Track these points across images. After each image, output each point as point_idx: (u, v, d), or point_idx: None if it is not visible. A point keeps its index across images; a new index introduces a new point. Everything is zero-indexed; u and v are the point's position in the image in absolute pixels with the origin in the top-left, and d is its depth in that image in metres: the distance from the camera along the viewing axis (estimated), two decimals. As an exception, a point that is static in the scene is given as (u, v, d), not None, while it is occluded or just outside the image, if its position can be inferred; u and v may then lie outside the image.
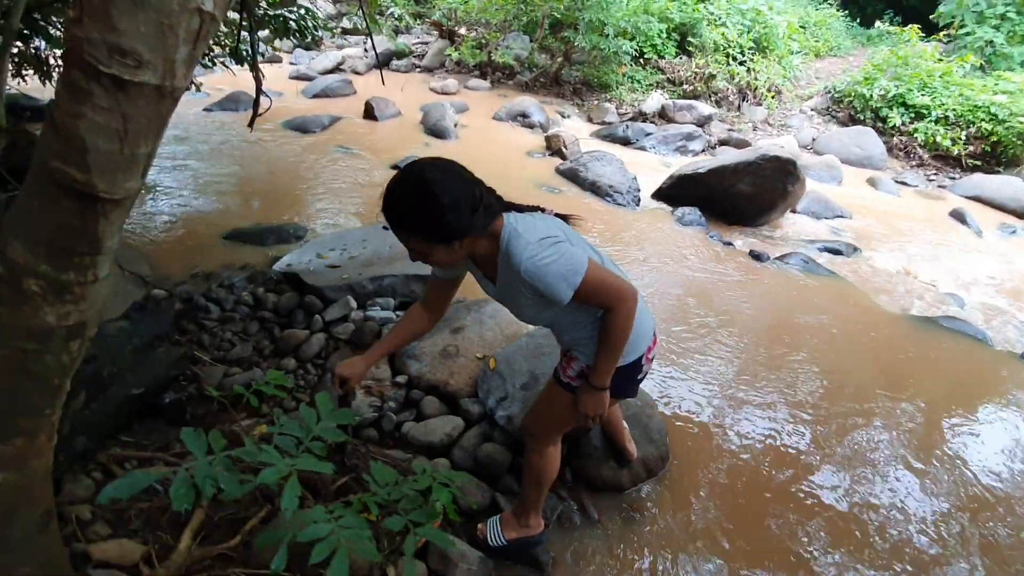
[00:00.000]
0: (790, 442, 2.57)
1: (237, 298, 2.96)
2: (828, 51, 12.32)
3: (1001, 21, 10.09)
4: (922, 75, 8.42)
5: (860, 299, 4.05)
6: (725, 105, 9.07)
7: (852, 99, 8.88)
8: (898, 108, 8.42)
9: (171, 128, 4.72)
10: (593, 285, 1.29)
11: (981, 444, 2.68)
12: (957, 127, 7.99)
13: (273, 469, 1.05)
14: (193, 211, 4.05)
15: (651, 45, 9.37)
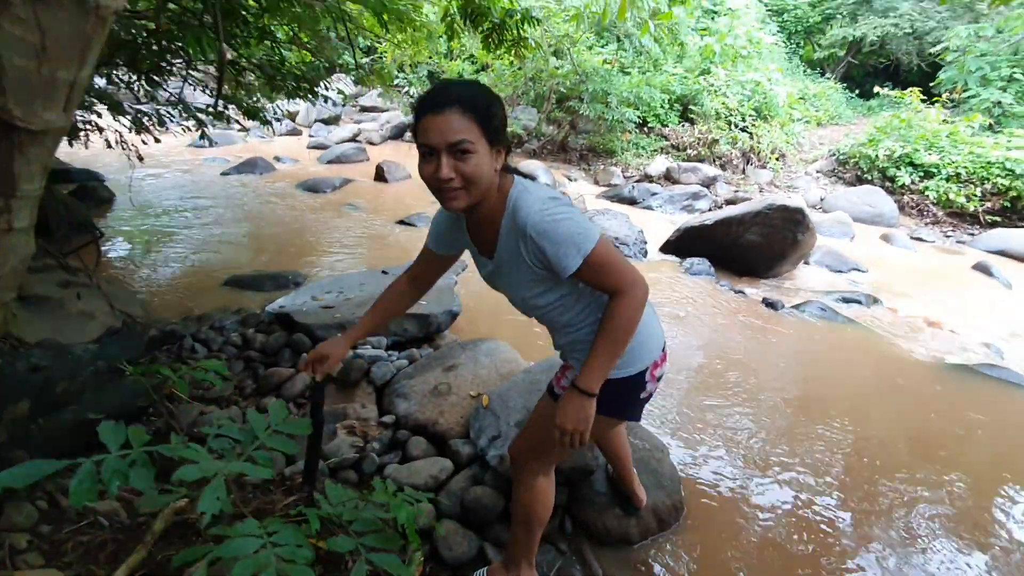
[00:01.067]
0: (819, 505, 2.26)
1: (226, 339, 2.87)
2: (829, 120, 12.65)
3: (1008, 82, 10.35)
4: (927, 135, 8.51)
5: (886, 347, 3.80)
6: (730, 168, 9.20)
7: (858, 160, 8.96)
8: (905, 167, 8.44)
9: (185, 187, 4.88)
10: (604, 259, 1.13)
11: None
12: (971, 184, 7.93)
13: (194, 467, 0.88)
14: (196, 260, 4.06)
15: (654, 115, 9.70)
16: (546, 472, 1.51)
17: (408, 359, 2.67)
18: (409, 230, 5.21)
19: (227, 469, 0.90)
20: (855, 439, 2.66)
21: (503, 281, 1.30)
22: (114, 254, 4.09)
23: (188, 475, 0.87)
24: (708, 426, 2.67)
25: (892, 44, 14.26)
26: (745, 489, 2.27)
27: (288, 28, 4.23)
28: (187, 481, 0.88)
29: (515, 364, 2.58)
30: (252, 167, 6.74)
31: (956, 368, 3.52)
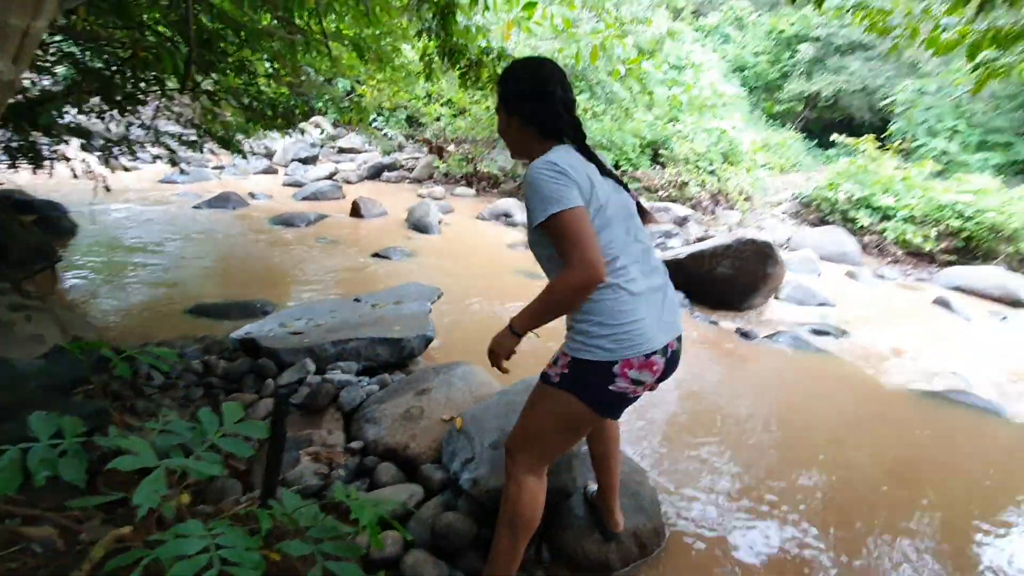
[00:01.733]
0: (799, 533, 2.21)
1: (186, 366, 2.72)
2: (791, 167, 13.28)
3: (953, 133, 11.11)
4: (883, 180, 8.97)
5: (857, 375, 3.84)
6: (700, 209, 9.48)
7: (820, 202, 9.35)
8: (864, 209, 8.84)
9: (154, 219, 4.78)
10: (564, 229, 1.24)
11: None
12: (925, 225, 8.33)
13: (132, 457, 0.80)
14: (159, 290, 3.91)
15: (626, 158, 10.02)
16: (538, 472, 1.51)
17: (379, 384, 2.58)
18: (384, 262, 5.15)
19: (170, 463, 0.81)
20: (834, 467, 2.63)
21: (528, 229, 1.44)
22: (74, 282, 3.92)
23: (124, 464, 0.78)
24: (688, 453, 2.61)
25: (845, 99, 15.23)
26: (725, 517, 2.20)
27: (267, 62, 4.29)
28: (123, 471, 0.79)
29: (490, 387, 2.51)
30: (224, 202, 6.66)
31: (926, 395, 3.56)
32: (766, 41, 17.18)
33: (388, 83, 6.07)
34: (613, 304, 1.34)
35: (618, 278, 1.35)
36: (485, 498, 1.84)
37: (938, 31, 4.24)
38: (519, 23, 4.80)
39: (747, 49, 17.15)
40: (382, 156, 11.02)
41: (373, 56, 4.42)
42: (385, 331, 2.86)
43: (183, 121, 4.49)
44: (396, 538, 1.75)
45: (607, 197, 1.37)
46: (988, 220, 7.95)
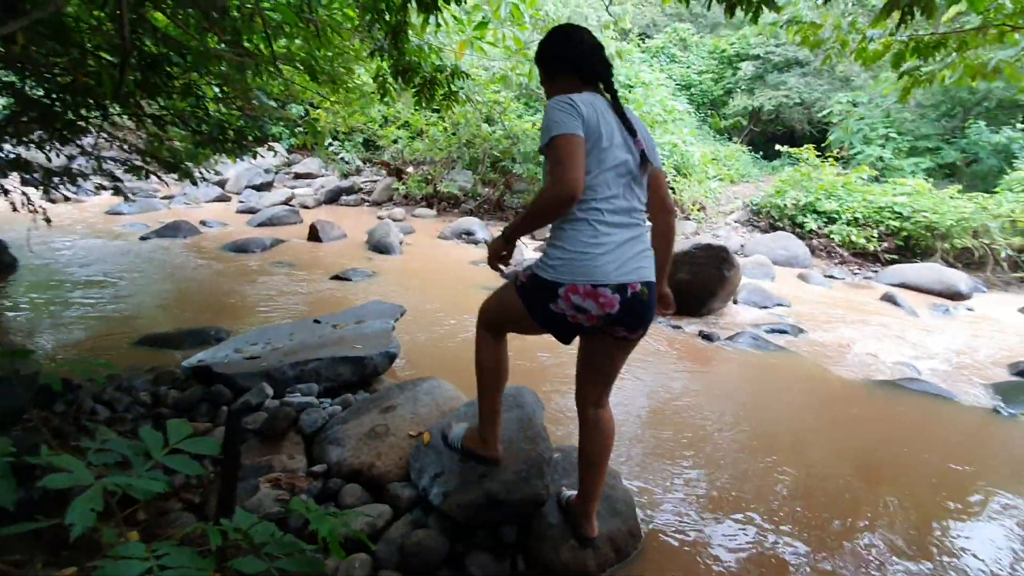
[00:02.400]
0: (772, 530, 2.23)
1: (134, 398, 2.58)
2: (740, 178, 13.82)
3: (886, 141, 11.83)
4: (826, 186, 9.43)
5: (815, 370, 3.96)
6: (658, 221, 9.73)
7: (769, 209, 9.74)
8: (811, 214, 9.26)
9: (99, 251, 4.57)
10: (555, 152, 1.41)
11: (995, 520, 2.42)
12: (867, 227, 8.77)
13: (64, 475, 0.73)
14: (106, 322, 3.71)
15: (585, 174, 10.23)
16: (495, 334, 1.79)
17: (342, 404, 2.50)
18: (344, 284, 5.05)
19: (108, 482, 0.75)
20: (799, 460, 2.68)
21: None
22: (13, 318, 3.68)
23: (56, 482, 0.72)
24: (658, 454, 2.62)
25: (785, 113, 16.05)
26: (698, 517, 2.20)
27: (215, 86, 4.19)
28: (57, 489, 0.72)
29: (457, 401, 2.47)
30: (175, 231, 6.42)
31: (881, 385, 3.70)
32: (709, 60, 18.01)
33: (343, 105, 6.04)
34: (576, 235, 1.49)
35: (590, 215, 1.49)
36: (456, 512, 1.79)
37: (865, 43, 4.53)
38: (471, 43, 4.86)
39: (692, 68, 17.91)
40: (340, 180, 10.90)
41: (326, 78, 4.40)
42: (346, 350, 2.78)
43: (128, 147, 4.32)
44: (364, 560, 1.68)
45: (611, 144, 1.50)
46: (924, 220, 8.44)
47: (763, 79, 16.56)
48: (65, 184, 4.28)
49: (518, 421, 2.06)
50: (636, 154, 1.56)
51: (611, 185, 1.50)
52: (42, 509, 1.47)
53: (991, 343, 5.07)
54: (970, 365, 4.39)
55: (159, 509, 1.82)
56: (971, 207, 8.46)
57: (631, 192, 1.56)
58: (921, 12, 3.29)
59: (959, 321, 6.00)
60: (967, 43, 4.07)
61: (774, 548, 2.04)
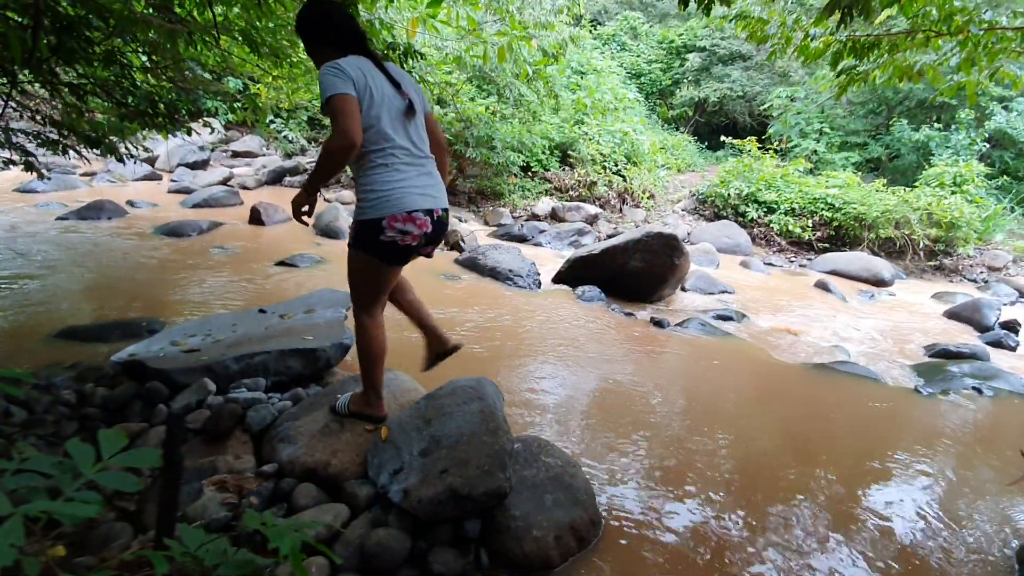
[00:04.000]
0: (722, 512, 2.32)
1: (55, 398, 2.35)
2: (687, 167, 14.24)
3: (820, 135, 12.48)
4: (766, 177, 9.85)
5: (758, 354, 4.14)
6: (608, 208, 9.87)
7: (713, 199, 10.08)
8: (752, 204, 9.66)
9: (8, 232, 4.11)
10: (331, 110, 1.67)
11: (918, 488, 2.61)
12: (803, 217, 9.25)
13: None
14: (17, 313, 3.37)
15: (536, 160, 10.21)
16: (370, 314, 1.99)
17: (293, 399, 2.37)
18: (290, 271, 4.81)
19: (29, 508, 0.65)
20: (745, 441, 2.79)
21: None
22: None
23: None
24: (614, 441, 2.66)
25: (729, 104, 16.61)
26: (653, 501, 2.25)
27: (143, 54, 3.84)
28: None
29: (416, 393, 2.40)
30: (98, 211, 5.91)
31: (817, 368, 3.91)
32: (658, 50, 18.33)
33: (286, 81, 5.70)
34: (380, 176, 1.79)
35: (388, 159, 1.80)
36: (418, 509, 1.74)
37: (808, 40, 4.70)
38: (424, 21, 4.69)
39: (642, 57, 18.18)
40: (283, 159, 10.38)
41: (268, 51, 4.11)
42: (296, 342, 2.64)
43: (42, 118, 3.90)
44: (322, 565, 1.60)
45: (383, 97, 1.79)
46: (853, 211, 8.99)
47: (709, 71, 17.04)
48: (-35, 158, 3.83)
49: (480, 414, 2.02)
50: (404, 102, 1.85)
51: (397, 132, 1.82)
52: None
53: (910, 327, 5.47)
54: (893, 348, 4.72)
55: (88, 522, 1.66)
56: (894, 200, 9.07)
57: (416, 135, 1.89)
58: (859, 13, 3.43)
59: (883, 306, 6.45)
60: (897, 46, 4.31)
61: (721, 525, 2.12)
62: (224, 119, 10.71)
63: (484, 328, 3.91)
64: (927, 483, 2.57)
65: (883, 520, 2.25)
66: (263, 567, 0.87)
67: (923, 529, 2.23)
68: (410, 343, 3.49)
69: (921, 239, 8.78)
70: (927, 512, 2.34)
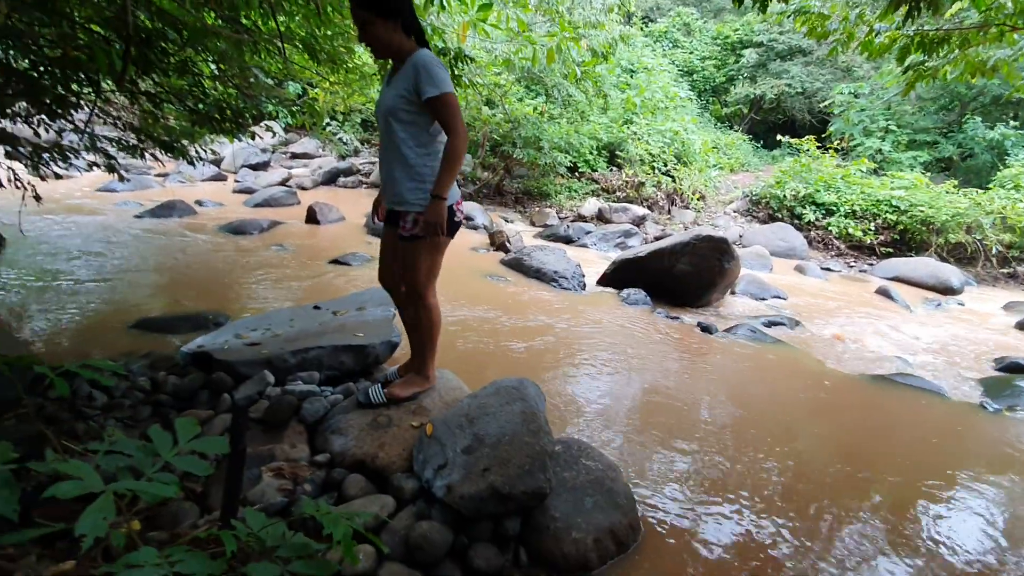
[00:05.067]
0: (769, 523, 2.26)
1: (132, 384, 2.55)
2: (740, 167, 13.80)
3: (886, 133, 11.83)
4: (825, 178, 9.43)
5: (811, 363, 3.99)
6: (656, 209, 9.70)
7: (768, 200, 9.73)
8: (810, 206, 9.26)
9: (92, 230, 4.47)
10: (451, 106, 1.85)
11: (975, 511, 2.46)
12: (865, 220, 8.80)
13: (74, 483, 0.72)
14: (99, 304, 3.66)
15: (584, 160, 10.16)
16: (432, 292, 2.16)
17: (344, 393, 2.49)
18: (343, 269, 5.01)
19: (118, 487, 0.73)
20: (794, 452, 2.71)
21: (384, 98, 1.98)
22: (1, 298, 3.62)
23: (64, 491, 0.70)
24: (658, 447, 2.64)
25: (787, 102, 15.96)
26: (697, 508, 2.23)
27: (212, 63, 4.09)
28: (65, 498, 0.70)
29: (460, 392, 2.46)
30: (170, 210, 6.33)
31: (875, 379, 3.73)
32: (712, 46, 17.83)
33: (342, 85, 5.92)
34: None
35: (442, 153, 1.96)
36: (460, 504, 1.80)
37: (872, 35, 4.48)
38: (475, 24, 4.77)
39: (695, 54, 17.73)
40: (338, 161, 10.77)
41: (326, 57, 4.30)
42: (348, 338, 2.77)
43: (122, 124, 4.22)
44: (369, 552, 1.68)
45: None
46: (920, 214, 8.48)
47: (766, 67, 16.44)
48: (56, 160, 4.19)
49: (522, 414, 2.06)
50: None
51: None
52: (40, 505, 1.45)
53: (979, 338, 5.12)
54: (959, 360, 4.44)
55: (162, 500, 1.81)
56: (965, 203, 8.50)
57: None
58: (927, 7, 3.25)
59: (950, 315, 6.06)
60: (969, 40, 4.05)
61: (766, 538, 2.07)
62: (284, 123, 11.22)
63: (527, 329, 3.94)
64: (990, 506, 2.42)
65: (940, 544, 2.14)
66: (316, 551, 0.94)
67: (982, 556, 2.11)
68: (455, 341, 3.59)
69: (994, 245, 8.18)
70: (988, 537, 2.21)
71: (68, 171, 5.10)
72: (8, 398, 1.70)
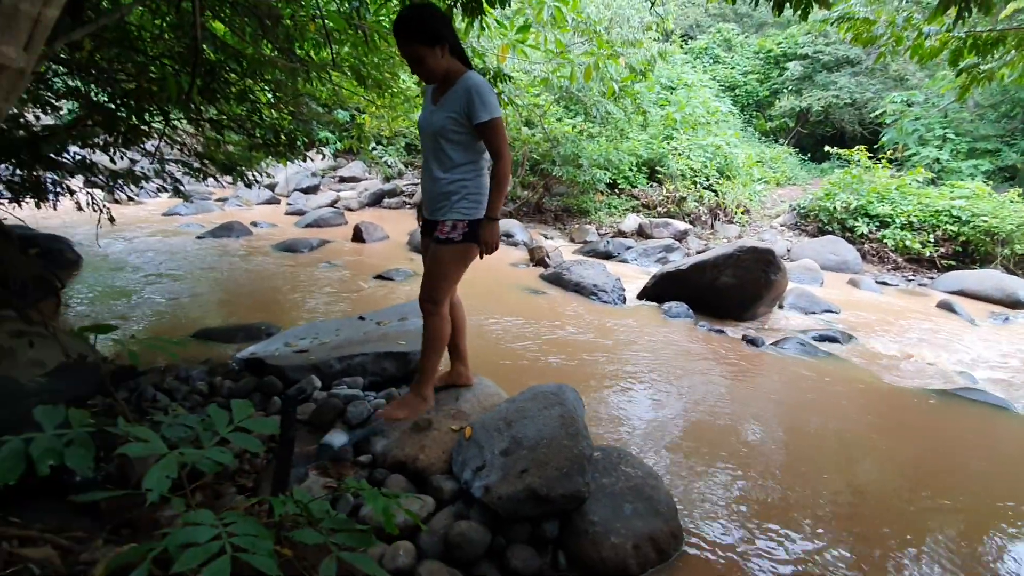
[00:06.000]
0: (818, 541, 2.16)
1: (191, 388, 2.71)
2: (787, 180, 13.42)
3: (943, 142, 11.27)
4: (878, 188, 9.05)
5: (867, 377, 3.80)
6: (699, 224, 9.54)
7: (817, 212, 9.41)
8: (862, 218, 8.89)
9: (158, 249, 4.80)
10: (500, 130, 1.96)
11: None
12: (923, 231, 8.37)
13: (141, 444, 0.79)
14: (164, 315, 3.92)
15: (623, 176, 10.14)
16: (445, 304, 2.20)
17: (386, 398, 2.56)
18: (386, 284, 5.17)
19: (180, 455, 0.80)
20: (851, 471, 2.58)
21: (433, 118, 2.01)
22: (78, 310, 3.93)
23: (134, 451, 0.77)
24: (703, 460, 2.57)
25: (835, 113, 15.48)
26: (743, 524, 2.15)
27: (268, 92, 4.38)
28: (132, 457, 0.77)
29: (498, 397, 2.50)
30: (228, 231, 6.72)
31: (938, 394, 3.52)
32: (754, 60, 17.57)
33: (387, 109, 6.18)
34: (484, 182, 2.09)
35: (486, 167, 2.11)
36: (498, 505, 1.81)
37: (921, 39, 4.34)
38: (514, 46, 4.91)
39: (736, 69, 17.51)
40: (382, 183, 11.16)
41: (373, 83, 4.52)
42: (391, 346, 2.85)
43: (187, 151, 4.56)
44: (409, 549, 1.72)
45: None
46: (983, 224, 7.99)
47: (811, 79, 16.04)
48: (128, 186, 4.55)
49: (560, 418, 2.07)
50: None
51: None
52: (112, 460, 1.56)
53: (1059, 354, 4.75)
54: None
55: (216, 492, 1.91)
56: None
57: None
58: (978, 8, 3.13)
59: (1018, 329, 5.65)
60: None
61: (818, 561, 1.97)
62: (334, 148, 11.76)
63: (566, 340, 3.95)
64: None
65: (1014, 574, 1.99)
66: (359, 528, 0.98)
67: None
68: (492, 350, 3.64)
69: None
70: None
71: (139, 196, 5.53)
72: (82, 395, 1.85)
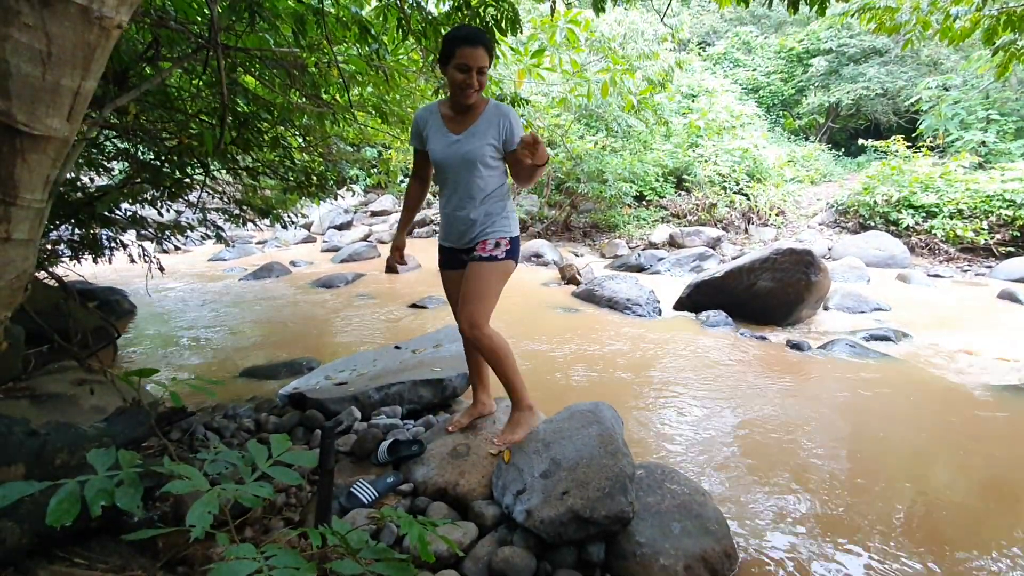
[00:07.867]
0: (882, 558, 2.03)
1: (239, 425, 2.80)
2: (822, 178, 13.02)
3: (988, 123, 10.75)
4: (921, 178, 8.67)
5: (926, 376, 3.60)
6: (732, 229, 9.34)
7: (857, 208, 9.07)
8: (907, 209, 8.52)
9: (205, 294, 5.03)
10: None
11: None
12: (975, 218, 7.95)
13: (184, 481, 0.82)
14: (212, 357, 4.08)
15: (650, 188, 10.06)
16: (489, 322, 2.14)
17: (424, 425, 2.58)
18: (420, 312, 5.24)
19: (222, 490, 0.83)
20: (918, 482, 2.43)
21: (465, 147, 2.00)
22: (132, 355, 4.14)
23: (177, 488, 0.81)
24: (755, 476, 2.47)
25: (867, 106, 15.02)
26: (801, 541, 2.04)
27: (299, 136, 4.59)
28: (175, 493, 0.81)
29: (535, 420, 2.47)
30: (269, 272, 6.98)
31: (1009, 390, 3.29)
32: (776, 60, 17.31)
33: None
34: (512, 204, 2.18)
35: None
36: (540, 529, 1.78)
37: (950, 21, 4.20)
38: (529, 71, 5.00)
39: (758, 71, 17.28)
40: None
41: (396, 119, 4.68)
42: (426, 373, 2.88)
43: (227, 199, 4.80)
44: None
45: None
46: (1043, 206, 7.54)
47: (838, 73, 15.67)
48: (175, 236, 4.82)
49: (598, 437, 2.03)
50: None
51: None
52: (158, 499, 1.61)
53: None
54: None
55: (264, 527, 1.95)
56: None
57: None
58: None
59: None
60: (1067, 11, 3.69)
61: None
62: (363, 184, 12.15)
63: (602, 357, 3.90)
64: None
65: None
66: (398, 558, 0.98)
67: None
68: (527, 372, 3.62)
69: None
70: None
71: (185, 244, 5.82)
72: (137, 438, 1.93)
